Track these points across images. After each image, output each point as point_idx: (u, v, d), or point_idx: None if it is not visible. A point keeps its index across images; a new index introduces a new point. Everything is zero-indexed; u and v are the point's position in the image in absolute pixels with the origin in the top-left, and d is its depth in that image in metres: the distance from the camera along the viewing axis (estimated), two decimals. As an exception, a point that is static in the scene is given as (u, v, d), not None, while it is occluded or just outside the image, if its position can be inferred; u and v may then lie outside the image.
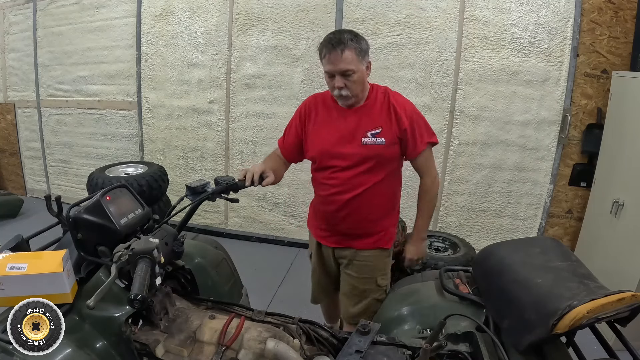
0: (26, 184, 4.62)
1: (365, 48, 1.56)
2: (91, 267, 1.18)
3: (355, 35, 1.54)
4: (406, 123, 1.59)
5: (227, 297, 1.49)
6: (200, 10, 3.48)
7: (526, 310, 0.99)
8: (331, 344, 1.20)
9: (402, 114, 1.59)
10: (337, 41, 1.51)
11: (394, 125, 1.60)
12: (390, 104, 1.62)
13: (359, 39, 1.55)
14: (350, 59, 1.51)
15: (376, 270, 1.73)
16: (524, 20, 2.96)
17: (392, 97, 1.63)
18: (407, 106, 1.63)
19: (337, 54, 1.51)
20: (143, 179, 3.18)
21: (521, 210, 3.29)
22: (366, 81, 1.62)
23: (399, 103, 1.62)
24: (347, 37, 1.51)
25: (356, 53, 1.52)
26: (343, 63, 1.51)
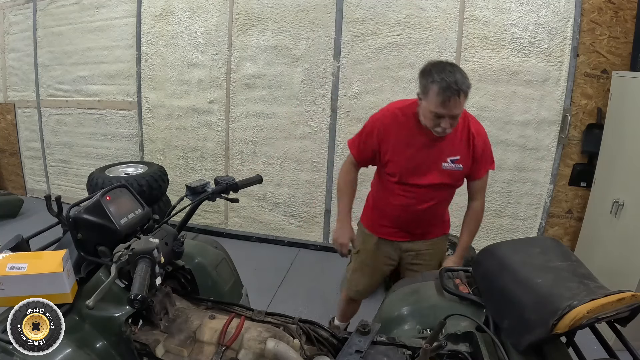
0: (26, 184, 4.62)
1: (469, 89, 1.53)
2: (91, 267, 1.18)
3: (466, 77, 1.51)
4: (479, 151, 1.68)
5: (227, 297, 1.49)
6: (200, 10, 3.48)
7: (526, 310, 0.99)
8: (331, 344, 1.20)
9: (478, 142, 1.67)
10: (456, 88, 1.47)
11: (470, 152, 1.68)
12: (469, 132, 1.67)
13: (469, 85, 1.52)
14: (463, 104, 1.52)
15: (442, 252, 1.92)
16: (524, 20, 2.96)
17: (471, 125, 1.68)
18: (482, 135, 1.70)
19: (457, 101, 1.49)
20: (143, 179, 3.18)
21: (521, 210, 3.29)
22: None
23: (477, 131, 1.68)
24: (464, 82, 1.48)
25: (466, 96, 1.52)
26: (458, 109, 1.52)
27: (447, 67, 1.51)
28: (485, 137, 1.70)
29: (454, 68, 1.51)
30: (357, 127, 3.28)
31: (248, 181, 1.61)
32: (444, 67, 1.50)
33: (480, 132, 1.69)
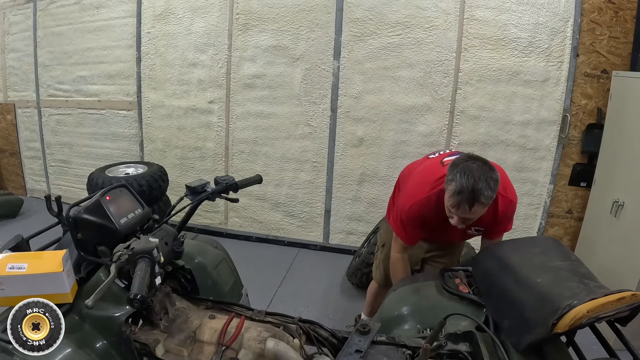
0: (26, 184, 4.62)
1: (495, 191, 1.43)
2: (91, 267, 1.18)
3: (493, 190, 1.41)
4: (499, 222, 1.68)
5: (227, 297, 1.49)
6: (200, 10, 3.48)
7: (526, 309, 0.99)
8: (331, 344, 1.20)
9: (502, 218, 1.66)
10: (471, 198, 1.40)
11: (493, 224, 1.68)
12: (496, 212, 1.61)
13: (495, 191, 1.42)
14: (479, 212, 1.45)
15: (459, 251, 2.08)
16: (524, 20, 2.96)
17: (499, 202, 1.61)
18: (508, 210, 1.66)
19: (467, 210, 1.43)
20: (143, 179, 3.18)
21: (521, 210, 3.29)
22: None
23: (504, 209, 1.63)
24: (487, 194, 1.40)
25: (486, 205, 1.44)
26: (471, 215, 1.46)
27: (475, 170, 1.42)
28: (510, 212, 1.67)
29: (481, 173, 1.41)
30: (357, 127, 3.33)
31: (248, 181, 1.61)
32: (471, 170, 1.42)
33: (506, 208, 1.64)
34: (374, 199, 3.42)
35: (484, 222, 1.64)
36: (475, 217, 1.47)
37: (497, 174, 1.44)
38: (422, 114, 3.23)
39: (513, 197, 1.67)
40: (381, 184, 3.38)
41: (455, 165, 1.48)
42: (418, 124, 3.24)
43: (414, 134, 3.26)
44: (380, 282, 2.17)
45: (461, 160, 1.50)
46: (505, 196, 1.62)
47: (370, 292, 2.28)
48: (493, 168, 1.46)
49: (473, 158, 1.50)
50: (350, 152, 3.41)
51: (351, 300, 2.87)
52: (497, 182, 1.43)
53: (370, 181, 3.41)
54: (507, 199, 1.63)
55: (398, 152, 3.32)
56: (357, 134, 3.36)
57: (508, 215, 1.69)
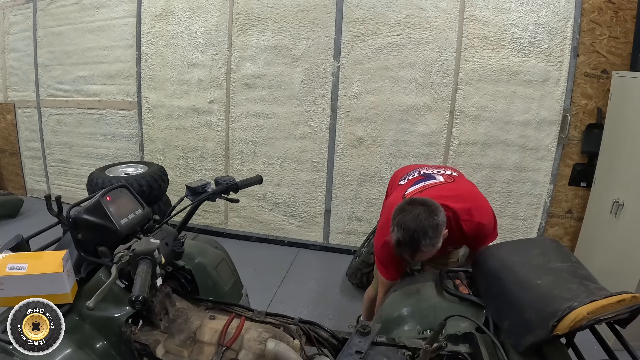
0: (26, 184, 4.62)
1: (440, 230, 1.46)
2: (91, 268, 1.18)
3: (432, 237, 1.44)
4: (471, 239, 1.68)
5: (227, 297, 1.49)
6: (200, 10, 3.48)
7: (526, 311, 0.99)
8: (331, 345, 1.20)
9: (472, 239, 1.67)
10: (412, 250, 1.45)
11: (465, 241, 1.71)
12: (463, 232, 1.64)
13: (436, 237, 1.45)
14: (427, 254, 1.49)
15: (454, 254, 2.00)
16: (524, 20, 2.95)
17: (463, 227, 1.63)
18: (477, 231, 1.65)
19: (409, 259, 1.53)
20: (143, 179, 3.18)
21: (521, 210, 3.29)
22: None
23: (470, 231, 1.64)
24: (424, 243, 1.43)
25: (433, 248, 1.47)
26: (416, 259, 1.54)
27: (411, 222, 1.43)
28: (481, 233, 1.66)
29: (417, 224, 1.43)
30: (357, 127, 3.33)
31: (248, 181, 1.61)
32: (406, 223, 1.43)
33: (473, 231, 1.64)
34: (374, 199, 3.43)
35: (457, 241, 1.69)
36: (425, 257, 1.52)
37: (436, 219, 1.44)
38: (422, 114, 3.23)
39: (482, 219, 1.65)
40: (381, 184, 3.38)
41: (395, 216, 1.49)
42: (418, 124, 3.24)
43: (414, 134, 3.26)
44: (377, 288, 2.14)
45: (399, 210, 1.49)
46: (470, 220, 1.63)
47: (366, 298, 2.23)
48: (433, 212, 1.45)
49: (413, 204, 1.49)
50: (350, 152, 3.41)
51: (351, 301, 2.87)
52: (437, 227, 1.44)
53: (370, 181, 3.41)
54: (474, 223, 1.63)
55: (398, 152, 3.33)
56: (357, 134, 3.36)
57: (484, 234, 1.68)
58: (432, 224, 1.42)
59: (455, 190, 1.73)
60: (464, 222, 1.62)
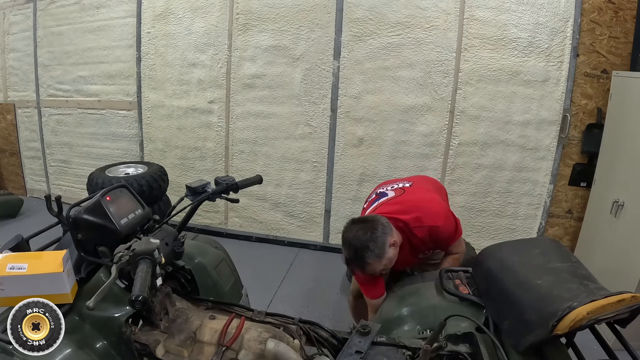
0: (26, 184, 4.62)
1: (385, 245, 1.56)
2: (91, 267, 1.18)
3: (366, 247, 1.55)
4: (436, 245, 1.78)
5: (227, 297, 1.49)
6: (200, 10, 3.48)
7: (526, 311, 0.99)
8: (331, 345, 1.20)
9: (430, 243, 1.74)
10: (357, 265, 1.58)
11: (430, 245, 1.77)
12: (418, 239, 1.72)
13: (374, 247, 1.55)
14: (373, 271, 1.58)
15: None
16: (524, 20, 2.96)
17: (417, 234, 1.71)
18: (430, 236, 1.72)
19: (359, 273, 1.63)
20: (143, 179, 3.18)
21: (521, 210, 3.29)
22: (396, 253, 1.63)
23: (423, 237, 1.72)
24: (364, 254, 1.55)
25: (378, 261, 1.56)
26: (368, 273, 1.61)
27: (353, 240, 1.57)
28: (434, 236, 1.72)
29: (360, 242, 1.56)
30: (357, 127, 3.33)
31: (248, 181, 1.61)
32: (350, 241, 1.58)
33: (426, 236, 1.71)
34: (374, 199, 3.42)
35: (421, 247, 1.76)
36: (379, 269, 1.58)
37: (376, 233, 1.55)
38: (422, 114, 3.23)
39: (434, 222, 1.71)
40: (381, 184, 3.38)
41: (342, 236, 1.64)
42: (418, 124, 3.24)
43: (414, 134, 3.27)
44: (354, 293, 2.16)
45: (344, 231, 1.65)
46: (421, 226, 1.70)
47: (350, 308, 2.28)
48: (372, 227, 1.57)
49: (354, 222, 1.64)
50: (350, 152, 3.41)
51: (351, 301, 2.86)
52: (377, 239, 1.55)
53: (370, 181, 3.41)
54: (425, 227, 1.70)
55: (398, 152, 3.33)
56: (357, 134, 3.36)
57: (443, 235, 1.74)
58: (372, 237, 1.55)
59: (402, 204, 1.81)
60: (415, 229, 1.70)
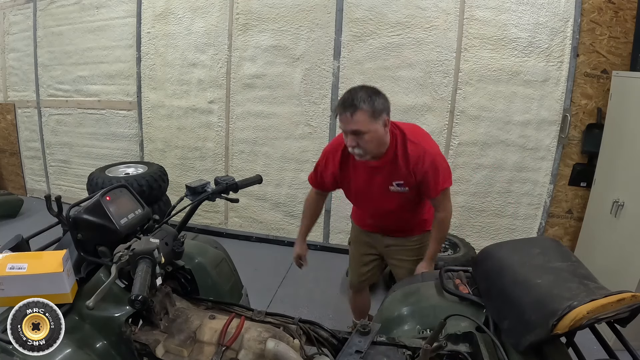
0: (26, 184, 4.62)
1: (381, 107, 1.54)
2: (91, 267, 1.18)
3: (370, 95, 1.53)
4: (420, 177, 1.67)
5: (227, 297, 1.49)
6: (200, 10, 3.48)
7: (526, 310, 0.99)
8: (331, 344, 1.20)
9: (417, 169, 1.65)
10: (349, 103, 1.52)
11: (411, 176, 1.68)
12: (407, 159, 1.65)
13: (374, 99, 1.53)
14: (361, 121, 1.52)
15: (424, 248, 1.91)
16: (524, 20, 2.96)
17: (409, 149, 1.65)
18: (423, 160, 1.64)
19: (347, 116, 1.53)
20: (143, 179, 3.18)
21: (521, 210, 3.29)
22: (384, 137, 1.61)
23: (415, 156, 1.64)
24: (360, 97, 1.51)
25: (369, 115, 1.52)
26: (353, 124, 1.53)
27: (357, 88, 1.57)
28: (427, 162, 1.65)
29: (362, 88, 1.56)
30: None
31: (248, 181, 1.61)
32: (352, 88, 1.58)
33: (417, 156, 1.65)
34: (374, 199, 3.43)
35: (401, 174, 1.68)
36: (360, 127, 1.52)
37: (380, 97, 1.56)
38: (422, 114, 3.23)
39: (427, 147, 1.67)
40: (381, 184, 3.38)
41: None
42: (418, 124, 3.23)
43: (414, 134, 3.26)
44: (354, 288, 2.21)
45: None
46: (417, 144, 1.66)
47: (349, 300, 2.33)
48: (379, 93, 1.57)
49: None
50: (350, 152, 3.41)
51: (351, 300, 2.86)
52: (374, 90, 1.56)
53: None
54: (420, 148, 1.65)
55: (398, 152, 3.32)
56: (357, 134, 3.36)
57: (432, 169, 1.65)
58: (374, 95, 1.54)
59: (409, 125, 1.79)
60: (410, 143, 1.66)
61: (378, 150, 1.63)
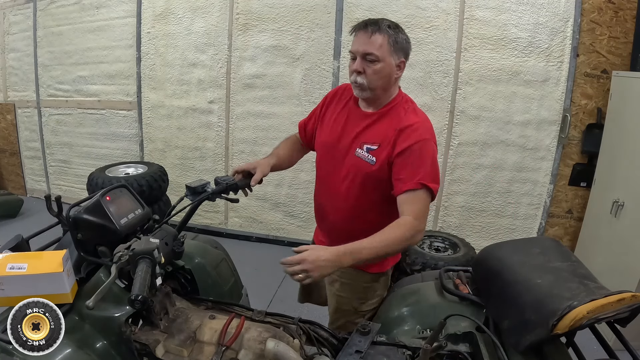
0: (26, 184, 4.62)
1: (403, 45, 1.38)
2: (91, 267, 1.18)
3: (396, 26, 1.37)
4: (398, 149, 1.32)
5: (227, 297, 1.49)
6: (200, 10, 3.48)
7: (526, 310, 0.99)
8: (331, 344, 1.20)
9: (401, 137, 1.33)
10: (373, 22, 1.35)
11: (389, 145, 1.35)
12: (400, 120, 1.37)
13: (399, 31, 1.37)
14: (378, 44, 1.33)
15: (353, 293, 1.54)
16: (524, 20, 2.96)
17: (408, 115, 1.39)
18: (414, 131, 1.33)
19: (367, 34, 1.35)
20: (143, 179, 3.18)
21: (521, 210, 3.29)
22: (392, 82, 1.41)
23: (407, 124, 1.35)
24: (386, 23, 1.35)
25: (389, 42, 1.34)
26: (369, 45, 1.34)
27: (383, 19, 1.40)
28: (416, 137, 1.32)
29: (387, 20, 1.39)
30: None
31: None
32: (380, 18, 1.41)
33: (411, 127, 1.34)
34: (374, 199, 3.43)
35: (379, 135, 1.38)
36: (375, 50, 1.32)
37: (404, 34, 1.40)
38: (422, 114, 3.23)
39: (427, 132, 1.35)
40: (381, 184, 3.38)
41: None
42: (418, 124, 3.24)
43: (414, 134, 3.26)
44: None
45: None
46: (419, 118, 1.39)
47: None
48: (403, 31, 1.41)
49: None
50: (350, 152, 3.41)
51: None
52: (402, 36, 1.38)
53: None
54: (420, 123, 1.36)
55: (398, 152, 3.32)
56: (357, 134, 3.36)
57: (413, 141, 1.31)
58: (400, 28, 1.39)
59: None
60: (413, 113, 1.40)
61: (382, 91, 1.40)
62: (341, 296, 1.58)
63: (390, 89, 1.44)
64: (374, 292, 1.57)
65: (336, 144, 1.49)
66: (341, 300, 1.58)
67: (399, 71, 1.41)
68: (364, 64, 1.37)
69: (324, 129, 1.55)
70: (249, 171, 1.52)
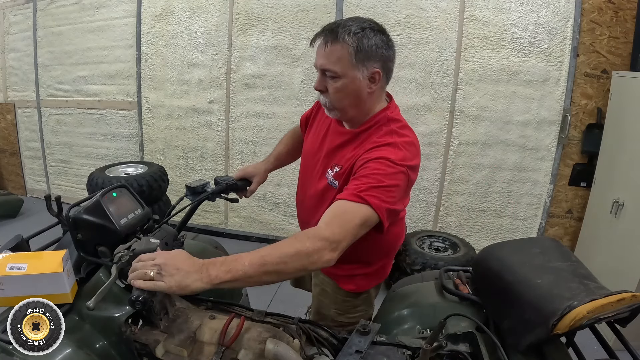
0: (26, 184, 4.62)
1: (373, 51, 1.13)
2: (91, 267, 1.18)
3: (363, 29, 1.12)
4: (357, 166, 1.15)
5: (227, 297, 1.48)
6: (200, 10, 3.48)
7: (526, 310, 0.99)
8: (331, 344, 1.20)
9: (365, 156, 1.15)
10: (329, 28, 1.13)
11: (349, 169, 1.19)
12: (372, 144, 1.18)
13: (366, 35, 1.11)
14: (335, 58, 1.12)
15: (331, 302, 1.47)
16: (524, 20, 2.96)
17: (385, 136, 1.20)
18: (380, 151, 1.14)
19: (323, 45, 1.14)
20: (143, 179, 3.18)
21: (521, 210, 3.29)
22: (364, 98, 1.19)
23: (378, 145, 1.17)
24: (348, 27, 1.11)
25: (349, 53, 1.10)
26: (324, 59, 1.14)
27: (354, 17, 1.17)
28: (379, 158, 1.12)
29: (359, 19, 1.15)
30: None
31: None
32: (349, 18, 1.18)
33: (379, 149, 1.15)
34: (374, 199, 3.42)
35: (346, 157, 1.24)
36: (333, 67, 1.12)
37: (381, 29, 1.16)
38: (422, 114, 3.23)
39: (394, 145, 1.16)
40: (381, 184, 3.38)
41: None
42: (418, 124, 3.24)
43: (414, 134, 3.26)
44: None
45: None
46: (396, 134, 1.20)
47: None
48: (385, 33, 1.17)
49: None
50: (350, 152, 3.41)
51: (351, 300, 2.86)
52: (376, 29, 1.14)
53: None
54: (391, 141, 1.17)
55: (398, 152, 3.32)
56: (357, 134, 3.36)
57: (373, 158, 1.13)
58: (372, 21, 1.16)
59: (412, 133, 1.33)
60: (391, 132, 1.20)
61: (353, 109, 1.20)
62: (321, 300, 1.52)
63: (365, 106, 1.22)
64: (354, 307, 1.47)
65: (313, 155, 1.38)
66: (321, 304, 1.52)
67: (374, 84, 1.17)
68: (325, 81, 1.17)
69: (309, 136, 1.45)
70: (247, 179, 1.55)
